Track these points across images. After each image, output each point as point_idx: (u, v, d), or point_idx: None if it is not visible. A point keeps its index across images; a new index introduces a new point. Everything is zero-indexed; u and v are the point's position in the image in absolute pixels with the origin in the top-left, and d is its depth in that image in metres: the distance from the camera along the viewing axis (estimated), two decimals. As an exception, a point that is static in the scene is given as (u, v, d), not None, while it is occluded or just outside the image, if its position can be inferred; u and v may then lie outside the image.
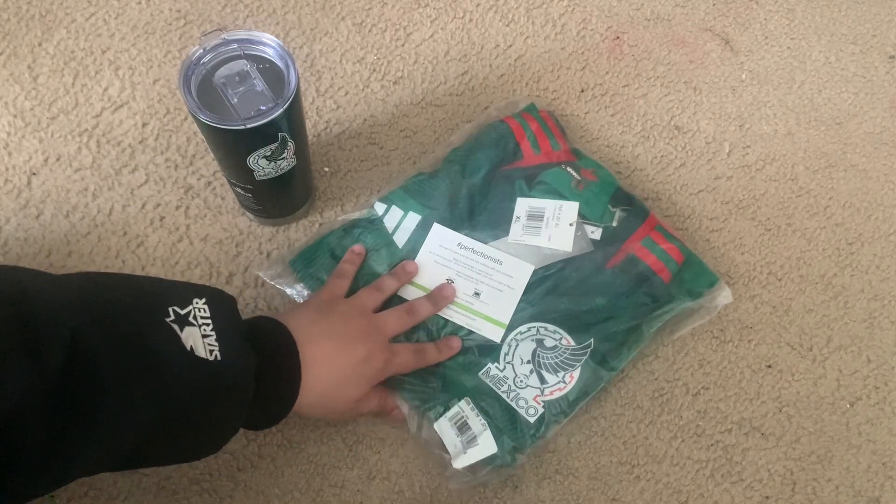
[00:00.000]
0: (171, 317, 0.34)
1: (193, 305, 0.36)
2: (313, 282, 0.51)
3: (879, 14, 0.68)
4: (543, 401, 0.48)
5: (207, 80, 0.42)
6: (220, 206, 0.55)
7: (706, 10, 0.67)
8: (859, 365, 0.55)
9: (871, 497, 0.51)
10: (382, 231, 0.52)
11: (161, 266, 0.53)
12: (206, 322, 0.35)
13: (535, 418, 0.48)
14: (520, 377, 0.48)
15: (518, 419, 0.47)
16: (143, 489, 0.47)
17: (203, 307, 0.36)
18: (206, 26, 0.61)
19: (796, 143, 0.62)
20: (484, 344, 0.50)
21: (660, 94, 0.63)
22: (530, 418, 0.47)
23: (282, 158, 0.45)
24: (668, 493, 0.50)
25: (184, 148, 0.56)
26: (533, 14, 0.65)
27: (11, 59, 0.58)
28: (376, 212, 0.53)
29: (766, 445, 0.52)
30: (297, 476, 0.48)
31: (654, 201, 0.58)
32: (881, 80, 0.65)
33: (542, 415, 0.48)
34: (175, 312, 0.35)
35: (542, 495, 0.49)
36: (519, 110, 0.58)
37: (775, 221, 0.59)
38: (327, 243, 0.52)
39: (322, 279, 0.50)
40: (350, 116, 0.59)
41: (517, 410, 0.48)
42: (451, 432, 0.47)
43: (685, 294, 0.51)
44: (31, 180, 0.55)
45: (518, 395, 0.48)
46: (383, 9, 0.63)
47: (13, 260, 0.52)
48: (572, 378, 0.48)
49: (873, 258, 0.58)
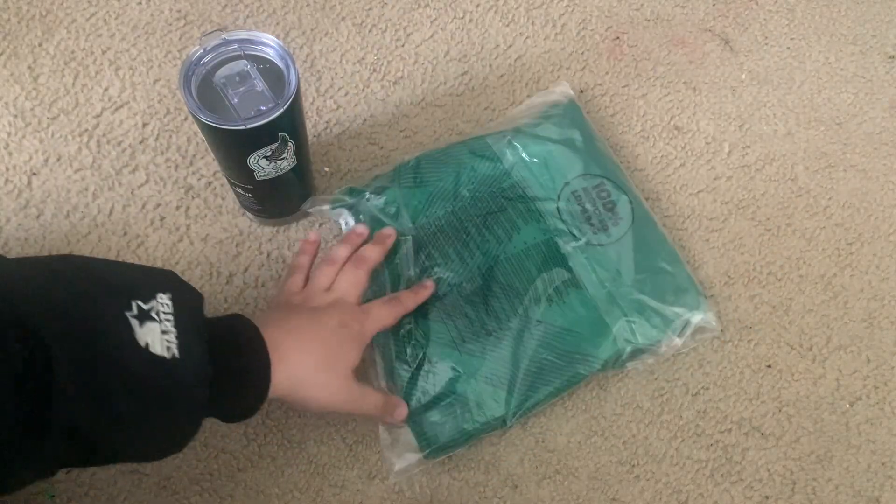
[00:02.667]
0: (133, 311, 0.33)
1: (157, 300, 0.34)
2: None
3: (879, 14, 0.68)
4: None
5: (208, 81, 0.42)
6: (220, 206, 0.55)
7: (706, 10, 0.67)
8: (859, 365, 0.55)
9: (870, 497, 0.51)
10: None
11: (161, 266, 0.53)
12: (167, 318, 0.34)
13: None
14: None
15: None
16: (143, 489, 0.47)
17: (167, 302, 0.35)
18: (206, 26, 0.61)
19: (796, 143, 0.62)
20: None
21: (660, 95, 0.63)
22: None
23: (282, 158, 0.45)
24: (668, 493, 0.50)
25: (184, 148, 0.56)
26: (533, 14, 0.65)
27: (12, 59, 0.58)
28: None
29: (765, 445, 0.52)
30: (297, 476, 0.48)
31: (654, 201, 0.59)
32: (881, 80, 0.65)
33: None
34: (138, 307, 0.34)
35: (542, 495, 0.49)
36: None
37: (775, 221, 0.59)
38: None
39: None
40: (350, 116, 0.59)
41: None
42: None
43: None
44: (31, 180, 0.55)
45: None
46: (383, 9, 0.63)
47: (13, 260, 0.52)
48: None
49: (873, 258, 0.58)
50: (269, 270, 0.53)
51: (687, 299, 0.52)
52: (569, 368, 0.49)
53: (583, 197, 0.54)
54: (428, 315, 0.49)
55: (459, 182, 0.54)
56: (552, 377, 0.49)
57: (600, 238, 0.52)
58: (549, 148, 0.55)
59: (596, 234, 0.52)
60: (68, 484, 0.47)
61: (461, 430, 0.47)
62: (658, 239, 0.54)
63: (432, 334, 0.49)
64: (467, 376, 0.48)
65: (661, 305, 0.51)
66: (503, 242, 0.52)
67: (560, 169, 0.54)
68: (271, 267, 0.53)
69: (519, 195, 0.53)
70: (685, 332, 0.51)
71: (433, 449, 0.47)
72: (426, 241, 0.52)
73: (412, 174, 0.54)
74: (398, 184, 0.53)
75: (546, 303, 0.50)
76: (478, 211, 0.53)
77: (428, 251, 0.51)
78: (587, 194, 0.54)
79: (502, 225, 0.52)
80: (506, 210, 0.53)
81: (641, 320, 0.50)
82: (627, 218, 0.53)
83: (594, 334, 0.50)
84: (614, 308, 0.50)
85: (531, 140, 0.55)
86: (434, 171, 0.54)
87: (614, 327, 0.50)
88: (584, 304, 0.50)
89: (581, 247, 0.52)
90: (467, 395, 0.48)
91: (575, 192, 0.54)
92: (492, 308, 0.50)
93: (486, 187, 0.53)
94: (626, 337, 0.50)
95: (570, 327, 0.50)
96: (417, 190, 0.53)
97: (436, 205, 0.53)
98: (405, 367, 0.48)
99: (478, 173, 0.54)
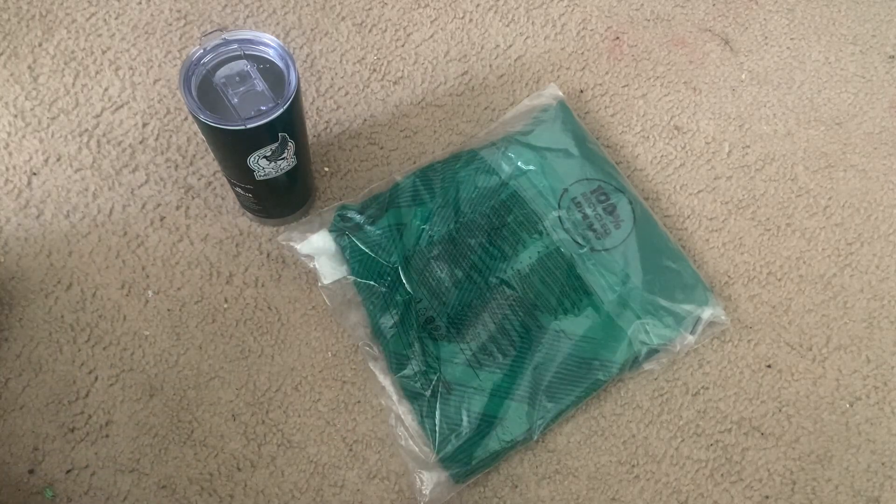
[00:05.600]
0: None
1: None
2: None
3: (879, 14, 0.68)
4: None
5: (208, 81, 0.42)
6: (220, 206, 0.55)
7: (706, 10, 0.67)
8: (859, 365, 0.55)
9: (870, 497, 0.51)
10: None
11: (161, 266, 0.53)
12: None
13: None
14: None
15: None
16: (143, 489, 0.47)
17: None
18: (206, 26, 0.61)
19: (796, 143, 0.62)
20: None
21: (659, 95, 0.63)
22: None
23: (282, 158, 0.45)
24: (668, 493, 0.50)
25: (184, 148, 0.56)
26: (533, 14, 0.65)
27: (12, 59, 0.58)
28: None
29: (765, 445, 0.52)
30: (297, 476, 0.48)
31: (654, 201, 0.59)
32: (881, 80, 0.65)
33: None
34: None
35: (541, 495, 0.49)
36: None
37: (775, 221, 0.59)
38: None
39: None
40: (350, 116, 0.59)
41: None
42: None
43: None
44: (31, 180, 0.55)
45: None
46: (383, 9, 0.64)
47: (14, 260, 0.52)
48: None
49: (873, 258, 0.58)
50: (269, 270, 0.53)
51: (695, 295, 0.52)
52: (588, 376, 0.49)
53: (583, 203, 0.54)
54: (438, 338, 0.49)
55: (460, 198, 0.53)
56: (573, 387, 0.49)
57: (604, 243, 0.52)
58: (543, 155, 0.55)
59: (600, 240, 0.52)
60: (68, 483, 0.47)
61: (488, 449, 0.47)
62: (660, 237, 0.54)
63: (444, 357, 0.49)
64: (488, 395, 0.48)
65: (671, 304, 0.51)
66: (509, 259, 0.52)
67: (557, 176, 0.54)
68: (271, 267, 0.53)
69: (520, 207, 0.53)
70: (697, 328, 0.51)
71: (463, 472, 0.47)
72: (431, 261, 0.51)
73: (410, 193, 0.53)
74: (396, 203, 0.53)
75: (560, 314, 0.50)
76: (481, 228, 0.52)
77: (434, 271, 0.51)
78: (587, 199, 0.54)
79: (507, 240, 0.52)
80: (509, 224, 0.53)
81: (654, 321, 0.50)
82: (629, 219, 0.53)
83: (610, 339, 0.50)
84: (627, 311, 0.50)
85: (525, 149, 0.55)
86: (433, 188, 0.54)
87: (629, 330, 0.50)
88: (597, 311, 0.50)
89: (586, 253, 0.52)
90: (490, 414, 0.47)
91: (574, 198, 0.54)
92: (505, 324, 0.50)
93: (488, 201, 0.53)
94: (641, 339, 0.50)
95: (585, 335, 0.50)
96: (418, 209, 0.53)
97: (438, 223, 0.53)
98: (420, 396, 0.48)
99: (478, 188, 0.54)
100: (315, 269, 0.52)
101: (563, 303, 0.50)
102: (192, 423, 0.49)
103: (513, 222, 0.53)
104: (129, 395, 0.49)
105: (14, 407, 0.49)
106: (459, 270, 0.51)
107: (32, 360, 0.50)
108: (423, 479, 0.46)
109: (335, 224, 0.52)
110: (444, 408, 0.47)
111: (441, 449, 0.47)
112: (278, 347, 0.51)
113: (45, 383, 0.49)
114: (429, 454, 0.47)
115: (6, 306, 0.51)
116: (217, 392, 0.50)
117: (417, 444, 0.47)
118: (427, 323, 0.50)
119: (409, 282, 0.50)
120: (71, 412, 0.49)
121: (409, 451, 0.47)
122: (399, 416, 0.48)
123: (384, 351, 0.50)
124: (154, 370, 0.50)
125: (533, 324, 0.50)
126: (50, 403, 0.49)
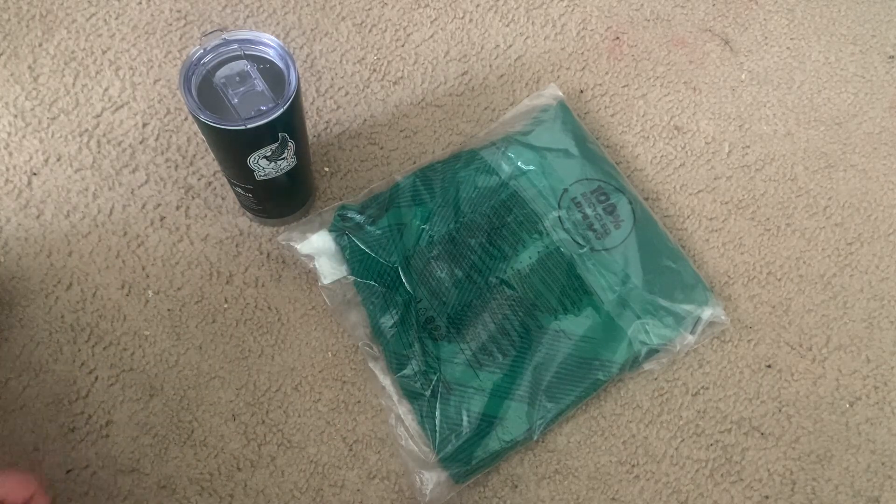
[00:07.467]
0: None
1: None
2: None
3: (879, 14, 0.68)
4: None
5: (208, 81, 0.42)
6: (220, 206, 0.55)
7: (706, 10, 0.67)
8: (859, 365, 0.55)
9: (870, 497, 0.51)
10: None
11: (161, 266, 0.53)
12: None
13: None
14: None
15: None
16: (143, 489, 0.47)
17: None
18: (206, 26, 0.61)
19: (796, 143, 0.62)
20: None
21: (659, 95, 0.63)
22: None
23: (282, 158, 0.45)
24: (668, 493, 0.50)
25: (184, 148, 0.56)
26: (533, 14, 0.65)
27: (12, 59, 0.58)
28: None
29: (765, 445, 0.52)
30: (297, 476, 0.48)
31: (654, 201, 0.59)
32: (881, 80, 0.65)
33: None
34: None
35: (541, 495, 0.49)
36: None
37: (775, 221, 0.59)
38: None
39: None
40: (350, 116, 0.59)
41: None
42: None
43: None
44: (31, 180, 0.55)
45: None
46: (383, 9, 0.64)
47: (14, 260, 0.52)
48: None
49: (873, 258, 0.58)
50: (269, 270, 0.53)
51: (695, 295, 0.52)
52: (588, 376, 0.49)
53: (583, 203, 0.54)
54: (438, 338, 0.49)
55: (460, 198, 0.53)
56: (573, 387, 0.49)
57: (604, 242, 0.52)
58: (543, 155, 0.55)
59: (600, 240, 0.52)
60: (68, 484, 0.47)
61: (488, 449, 0.47)
62: (660, 237, 0.54)
63: (444, 357, 0.49)
64: (488, 395, 0.48)
65: (671, 304, 0.51)
66: (509, 259, 0.52)
67: (557, 176, 0.54)
68: (271, 267, 0.54)
69: (520, 207, 0.53)
70: (696, 328, 0.51)
71: (463, 472, 0.47)
72: (431, 261, 0.51)
73: (410, 193, 0.53)
74: (396, 203, 0.53)
75: (560, 314, 0.50)
76: (481, 228, 0.52)
77: (434, 271, 0.51)
78: (586, 199, 0.54)
79: (507, 240, 0.52)
80: (509, 224, 0.53)
81: (654, 321, 0.50)
82: (629, 219, 0.53)
83: (610, 339, 0.50)
84: (627, 311, 0.50)
85: (525, 149, 0.55)
86: (433, 188, 0.54)
87: (629, 330, 0.50)
88: (597, 311, 0.50)
89: (586, 253, 0.52)
90: (490, 414, 0.47)
91: (574, 198, 0.54)
92: (505, 324, 0.50)
93: (488, 201, 0.53)
94: (641, 339, 0.50)
95: (585, 335, 0.50)
96: (418, 209, 0.53)
97: (438, 223, 0.53)
98: (420, 396, 0.48)
99: (478, 188, 0.54)
100: (315, 269, 0.52)
101: (563, 303, 0.50)
102: (192, 423, 0.49)
103: (513, 222, 0.53)
104: (129, 395, 0.49)
105: (14, 407, 0.49)
106: (459, 270, 0.51)
107: (32, 360, 0.50)
108: (423, 479, 0.46)
109: (335, 224, 0.52)
110: (444, 408, 0.47)
111: (441, 449, 0.47)
112: (278, 347, 0.51)
113: (45, 383, 0.49)
114: (429, 454, 0.47)
115: (6, 306, 0.51)
116: (217, 392, 0.50)
117: (417, 444, 0.47)
118: (427, 323, 0.50)
119: (409, 282, 0.50)
120: (71, 412, 0.49)
121: (409, 451, 0.47)
122: (399, 416, 0.48)
123: (384, 351, 0.50)
124: (154, 370, 0.50)
125: (533, 324, 0.50)
126: (50, 403, 0.49)
